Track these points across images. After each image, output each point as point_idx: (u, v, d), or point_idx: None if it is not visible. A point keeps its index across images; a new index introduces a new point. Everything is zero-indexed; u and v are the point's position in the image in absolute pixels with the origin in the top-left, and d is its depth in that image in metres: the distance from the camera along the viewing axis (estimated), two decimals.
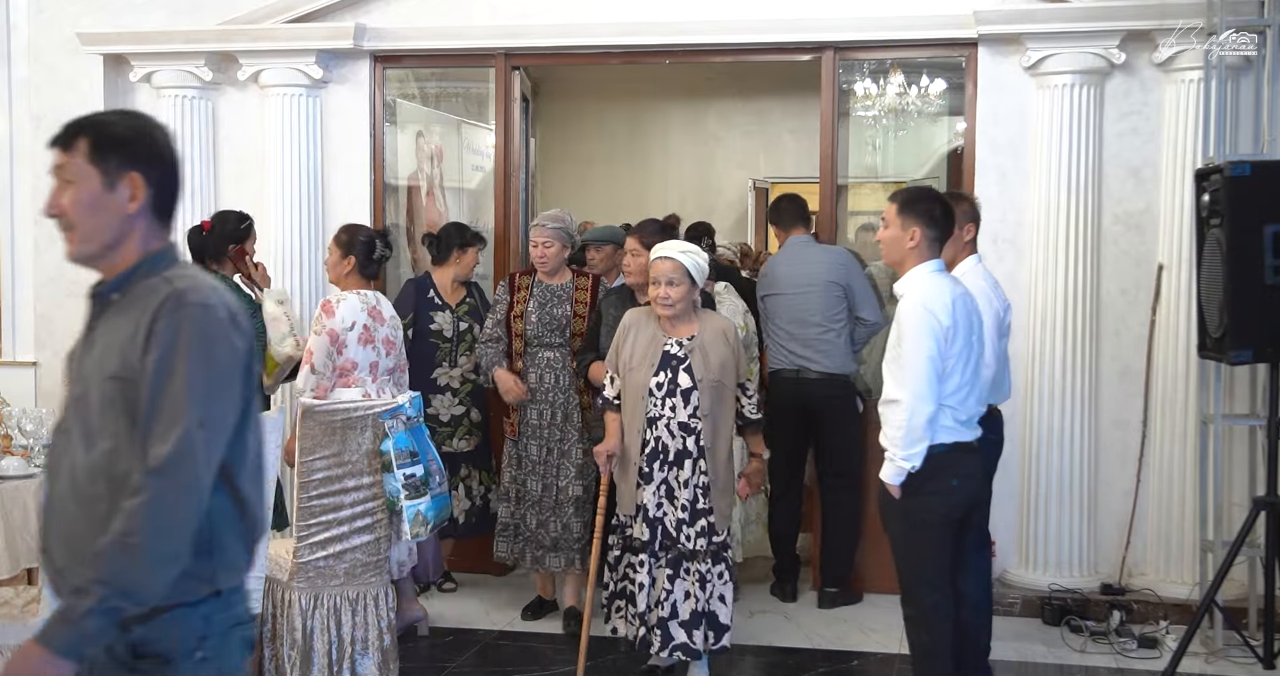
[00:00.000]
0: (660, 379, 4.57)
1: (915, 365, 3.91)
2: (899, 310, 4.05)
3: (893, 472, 3.99)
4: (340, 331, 4.82)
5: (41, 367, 6.69)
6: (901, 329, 3.98)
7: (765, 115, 10.28)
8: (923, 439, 3.93)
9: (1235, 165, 4.80)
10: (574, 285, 5.52)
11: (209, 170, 6.51)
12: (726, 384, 4.59)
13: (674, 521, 4.58)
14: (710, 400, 4.54)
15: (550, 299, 5.47)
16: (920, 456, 3.93)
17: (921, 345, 3.91)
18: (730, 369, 4.59)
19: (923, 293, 3.99)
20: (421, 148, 7.33)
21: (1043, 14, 5.62)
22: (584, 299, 5.51)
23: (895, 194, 4.26)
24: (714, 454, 4.56)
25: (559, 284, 5.51)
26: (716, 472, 4.57)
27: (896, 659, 5.15)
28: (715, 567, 4.60)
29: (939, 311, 3.93)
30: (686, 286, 4.55)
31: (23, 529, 4.41)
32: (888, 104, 8.05)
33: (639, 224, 5.34)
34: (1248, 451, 5.48)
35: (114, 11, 6.52)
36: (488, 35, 6.23)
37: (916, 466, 3.94)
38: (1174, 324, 5.55)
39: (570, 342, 5.43)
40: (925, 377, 3.90)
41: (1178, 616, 5.40)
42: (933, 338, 3.91)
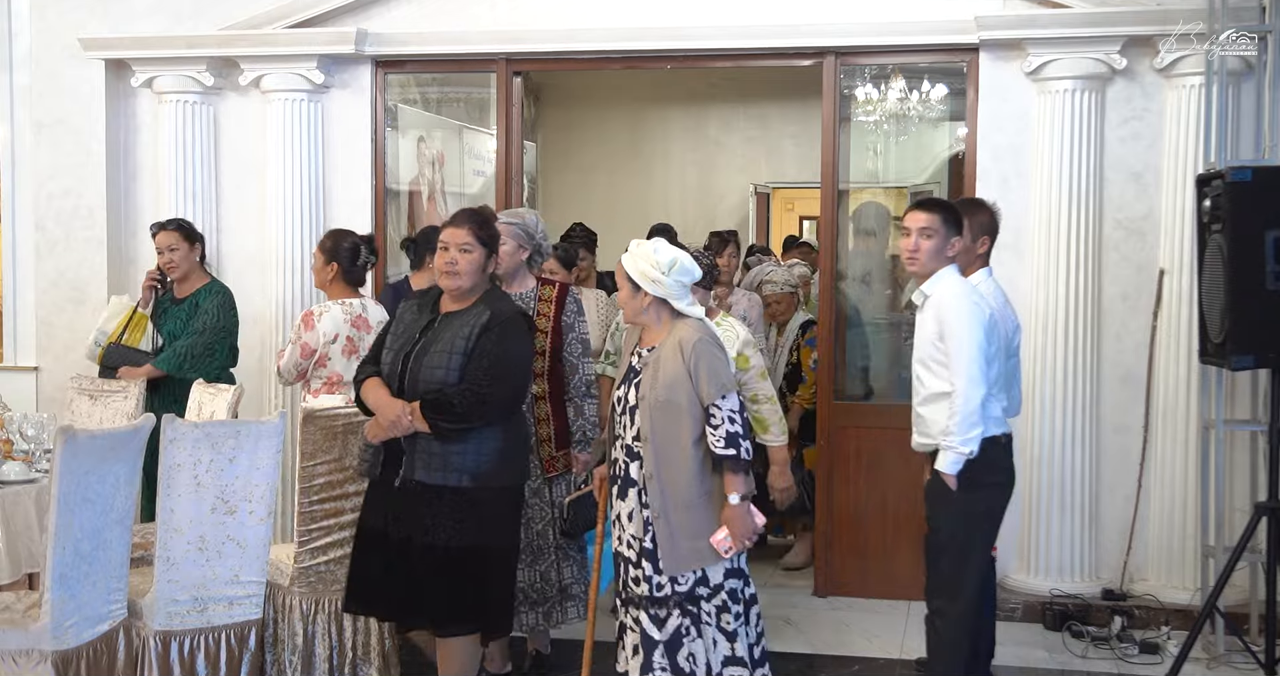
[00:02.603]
0: (621, 392, 4.04)
1: (968, 351, 4.01)
2: (937, 307, 4.12)
3: (951, 460, 4.03)
4: (318, 345, 4.91)
5: (43, 372, 6.70)
6: (945, 321, 4.08)
7: (766, 120, 10.30)
8: (978, 424, 4.01)
9: (1236, 170, 4.80)
10: (536, 294, 4.80)
11: (210, 175, 6.52)
12: (679, 403, 3.83)
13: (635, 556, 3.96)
14: (653, 421, 3.85)
15: None
16: (977, 441, 4.02)
17: (972, 332, 4.02)
18: (681, 386, 3.82)
19: (960, 286, 4.13)
20: (423, 153, 7.34)
21: (1044, 19, 5.62)
22: (547, 311, 4.76)
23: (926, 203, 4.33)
24: (661, 485, 3.85)
25: (518, 292, 4.77)
26: (665, 508, 3.84)
27: (898, 664, 5.15)
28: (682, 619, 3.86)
29: (980, 301, 4.09)
30: (628, 290, 3.98)
31: (24, 534, 4.40)
32: (889, 109, 8.03)
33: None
34: (1249, 457, 5.48)
35: (115, 17, 6.54)
36: (489, 40, 6.23)
37: (974, 452, 4.01)
38: (1175, 329, 5.55)
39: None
40: (978, 362, 4.01)
41: (1179, 622, 5.40)
42: (981, 325, 4.04)
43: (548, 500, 4.73)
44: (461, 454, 3.99)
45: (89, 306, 6.55)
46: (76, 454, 3.80)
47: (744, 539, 3.82)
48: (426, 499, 4.01)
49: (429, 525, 3.99)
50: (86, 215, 6.56)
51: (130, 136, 6.66)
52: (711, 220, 10.17)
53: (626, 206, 9.48)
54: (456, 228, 4.12)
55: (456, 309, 4.12)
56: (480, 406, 3.94)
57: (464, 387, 3.94)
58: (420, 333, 4.11)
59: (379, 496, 4.16)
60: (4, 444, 4.79)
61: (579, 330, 4.81)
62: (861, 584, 6.05)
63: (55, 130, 6.61)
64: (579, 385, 4.76)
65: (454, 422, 3.93)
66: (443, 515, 3.99)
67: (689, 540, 3.83)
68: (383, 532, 4.09)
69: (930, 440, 4.20)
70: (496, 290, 4.23)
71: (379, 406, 4.06)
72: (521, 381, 4.19)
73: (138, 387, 5.36)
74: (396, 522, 4.06)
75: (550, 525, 4.72)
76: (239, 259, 6.52)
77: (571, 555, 4.80)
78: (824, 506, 6.10)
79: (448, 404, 3.93)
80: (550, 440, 4.74)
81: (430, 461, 4.01)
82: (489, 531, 4.04)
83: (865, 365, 6.66)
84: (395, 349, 4.15)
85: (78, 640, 3.89)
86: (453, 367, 3.98)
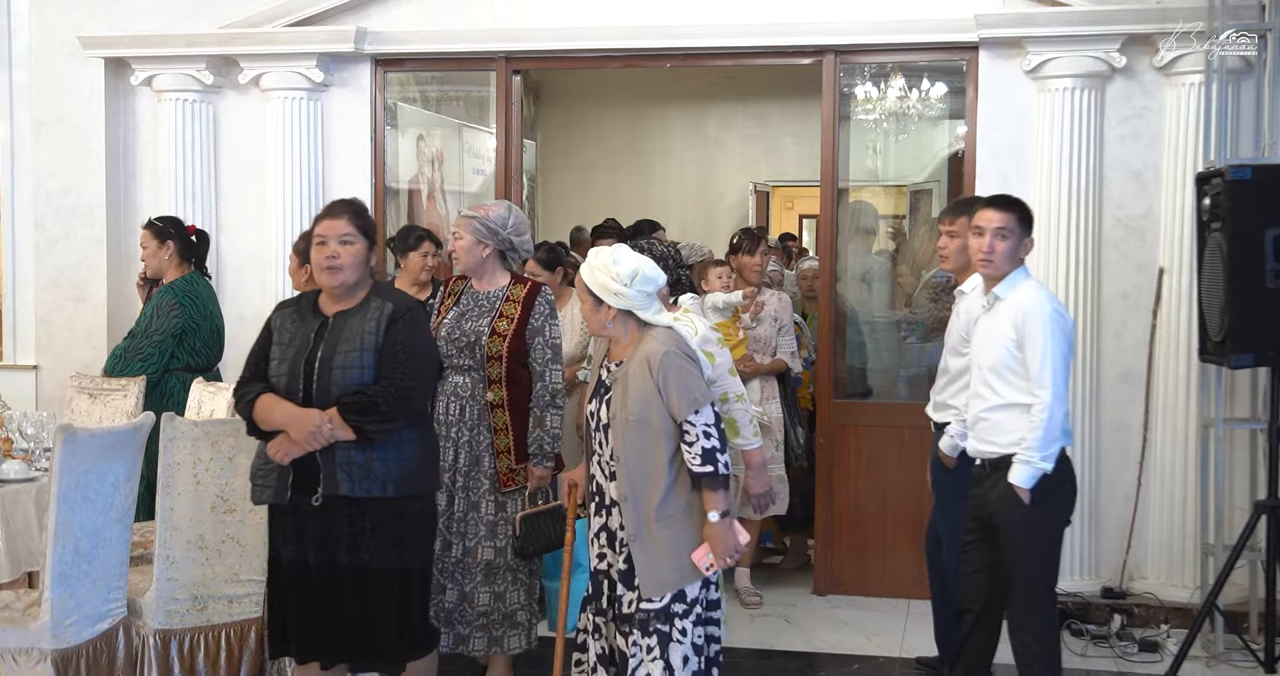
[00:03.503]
0: (593, 407, 3.84)
1: (1054, 365, 3.94)
2: (1017, 314, 4.01)
3: (1029, 474, 3.95)
4: None
5: (42, 371, 6.70)
6: (1028, 332, 3.98)
7: (766, 119, 10.30)
8: (1059, 438, 3.96)
9: (1236, 169, 4.81)
10: (505, 293, 4.53)
11: (209, 174, 6.52)
12: (652, 422, 3.61)
13: (617, 574, 3.77)
14: (626, 441, 3.65)
15: (473, 309, 4.54)
16: (1055, 457, 3.96)
17: (1058, 346, 3.96)
18: (653, 404, 3.60)
19: (1041, 294, 4.06)
20: (422, 151, 7.34)
21: (1043, 18, 5.62)
22: (512, 312, 4.47)
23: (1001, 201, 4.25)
24: (635, 506, 3.65)
25: (486, 291, 4.54)
26: (639, 531, 3.64)
27: (898, 663, 5.15)
28: (645, 639, 3.64)
29: (1064, 312, 4.04)
30: (590, 304, 3.75)
31: (24, 532, 4.40)
32: (888, 108, 8.03)
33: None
34: (1249, 455, 5.48)
35: (115, 15, 6.53)
36: (488, 39, 6.23)
37: (1052, 467, 3.96)
38: (1175, 328, 5.55)
39: (485, 366, 4.44)
40: (1064, 376, 3.96)
41: (1179, 620, 5.40)
42: (1066, 337, 4.00)
43: (485, 517, 4.46)
44: (384, 461, 3.68)
45: (88, 305, 6.55)
46: (76, 452, 3.81)
47: (726, 556, 3.61)
48: (348, 515, 3.69)
49: (353, 544, 3.68)
50: (86, 213, 6.56)
51: (130, 135, 6.66)
52: (711, 218, 10.19)
53: (626, 205, 9.47)
54: (334, 219, 3.80)
55: (346, 307, 3.79)
56: (405, 402, 3.67)
57: (386, 384, 3.65)
58: (314, 337, 3.74)
59: (289, 523, 3.76)
60: (4, 442, 4.79)
61: (548, 334, 4.49)
62: (861, 582, 6.05)
63: (55, 128, 6.61)
64: (542, 394, 4.45)
65: (380, 423, 3.63)
66: (368, 531, 3.69)
67: (670, 559, 3.62)
68: (301, 562, 3.74)
69: (998, 449, 4.07)
70: (384, 282, 3.94)
71: (291, 419, 3.64)
72: (435, 374, 4.02)
73: (137, 386, 5.36)
74: (318, 548, 3.71)
75: (481, 543, 4.44)
76: (239, 257, 6.52)
77: (521, 579, 4.50)
78: (824, 505, 6.10)
79: (371, 404, 3.62)
80: (509, 452, 4.44)
81: (353, 472, 3.66)
82: (413, 546, 3.78)
83: (865, 364, 6.65)
84: (289, 359, 3.74)
85: (77, 638, 3.89)
86: (366, 366, 3.67)
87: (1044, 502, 4.00)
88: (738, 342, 5.69)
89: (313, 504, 3.68)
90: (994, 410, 4.09)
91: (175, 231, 5.72)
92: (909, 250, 8.08)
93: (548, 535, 4.36)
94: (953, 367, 4.66)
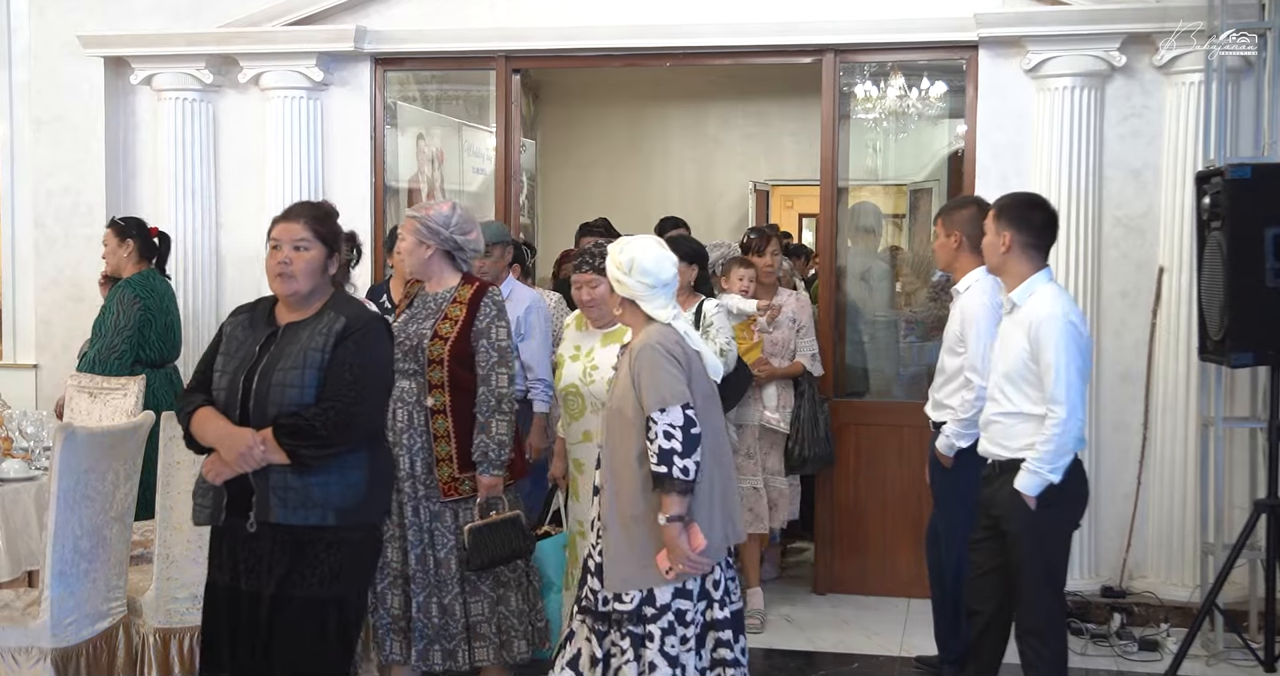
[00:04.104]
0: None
1: (1069, 380, 3.87)
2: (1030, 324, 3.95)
3: (1035, 484, 3.93)
4: None
5: (42, 370, 6.70)
6: (1042, 344, 3.91)
7: (765, 118, 10.29)
8: (1071, 452, 3.93)
9: (1236, 168, 4.80)
10: (453, 295, 4.35)
11: (209, 173, 6.52)
12: (626, 414, 3.59)
13: (593, 566, 3.74)
14: (607, 429, 3.69)
15: (421, 311, 4.38)
16: (1064, 470, 3.93)
17: (1072, 360, 3.89)
18: (629, 397, 3.59)
19: (1058, 303, 3.96)
20: (422, 150, 7.34)
21: (1043, 17, 5.62)
22: (456, 314, 4.28)
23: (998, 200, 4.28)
24: (611, 496, 3.64)
25: (435, 292, 4.38)
26: (611, 521, 3.62)
27: (898, 662, 5.16)
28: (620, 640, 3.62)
29: (1079, 323, 3.95)
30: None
31: (24, 531, 4.41)
32: (888, 107, 8.04)
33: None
34: (1248, 454, 5.48)
35: (114, 14, 6.54)
36: (488, 38, 6.23)
37: (1058, 480, 3.93)
38: (1175, 327, 5.55)
39: (427, 371, 4.27)
40: (1079, 391, 3.89)
41: (1179, 619, 5.40)
42: (1080, 351, 3.92)
43: (450, 525, 4.28)
44: (324, 486, 3.37)
45: (88, 304, 6.54)
46: (76, 451, 3.81)
47: (679, 562, 3.49)
48: (284, 544, 3.40)
49: (285, 574, 3.39)
50: (86, 212, 6.56)
51: (129, 134, 6.66)
52: (711, 217, 10.18)
53: (626, 204, 9.47)
54: (290, 222, 3.53)
55: (299, 318, 3.51)
56: (346, 427, 3.34)
57: (325, 406, 3.34)
58: (260, 349, 3.46)
59: (224, 546, 3.50)
60: (3, 441, 4.80)
61: (494, 337, 4.27)
62: (861, 581, 6.05)
63: (54, 127, 6.61)
64: (487, 399, 4.23)
65: (317, 449, 3.32)
66: (302, 562, 3.40)
67: (637, 557, 3.56)
68: (233, 588, 3.48)
69: (1008, 452, 4.05)
70: (343, 293, 3.62)
71: (222, 438, 3.36)
72: (387, 396, 3.67)
73: (137, 385, 5.37)
74: (249, 575, 3.44)
75: (453, 553, 4.28)
76: (238, 256, 6.51)
77: (482, 590, 4.32)
78: (824, 504, 6.10)
79: (308, 427, 3.31)
80: (451, 460, 4.25)
81: (288, 498, 3.36)
82: (350, 578, 3.47)
83: (864, 363, 6.66)
84: (231, 371, 3.47)
85: (77, 637, 3.90)
86: (308, 385, 3.36)
87: (1051, 507, 3.98)
88: (751, 346, 5.57)
89: (248, 529, 3.41)
90: (1006, 416, 4.06)
91: (137, 231, 5.83)
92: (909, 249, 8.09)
93: (498, 548, 4.21)
94: (949, 367, 4.66)
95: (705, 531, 3.55)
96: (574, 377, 4.35)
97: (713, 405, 3.69)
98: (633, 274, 3.64)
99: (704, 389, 3.65)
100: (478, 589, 4.31)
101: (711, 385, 3.71)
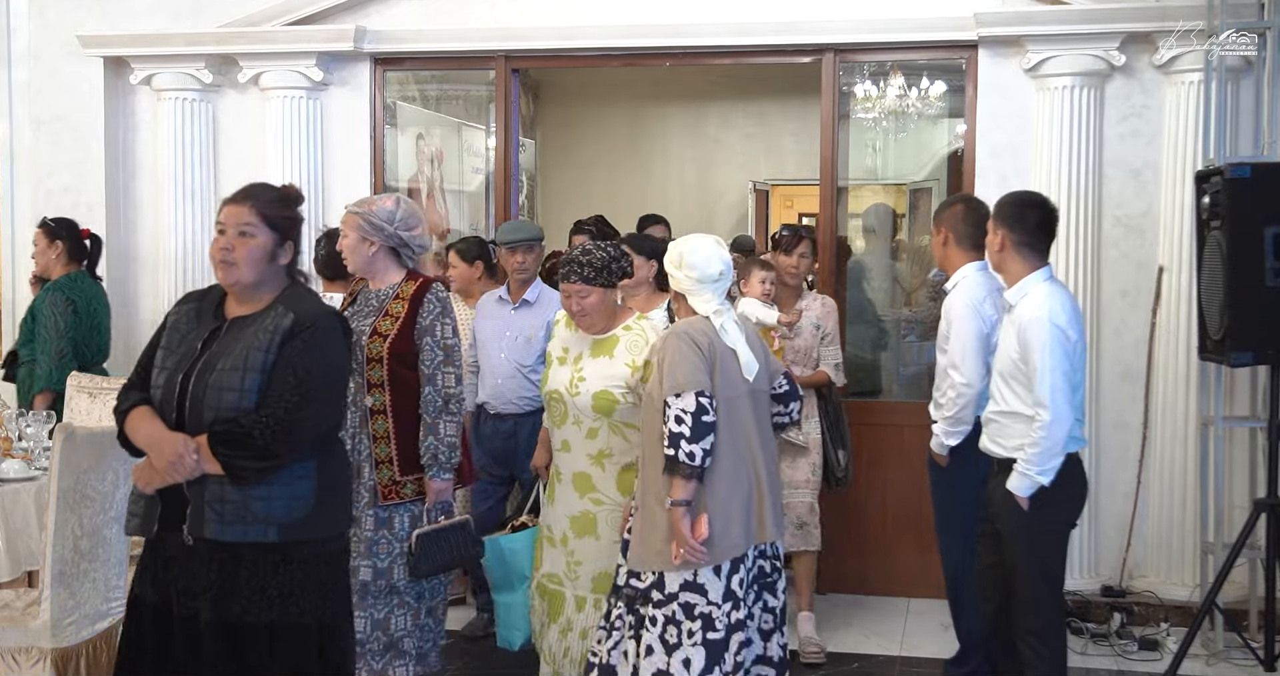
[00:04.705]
0: None
1: (1053, 384, 3.90)
2: (1020, 323, 3.99)
3: (1026, 486, 3.96)
4: None
5: None
6: (1028, 345, 3.95)
7: (765, 117, 10.30)
8: (1059, 454, 3.94)
9: (1235, 167, 4.80)
10: (395, 291, 4.17)
11: (209, 173, 6.52)
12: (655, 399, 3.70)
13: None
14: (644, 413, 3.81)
15: (363, 309, 4.20)
16: (1055, 471, 3.94)
17: (1056, 364, 3.91)
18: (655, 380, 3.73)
19: (1045, 306, 3.97)
20: (422, 150, 7.34)
21: (1043, 16, 5.62)
22: (398, 310, 4.09)
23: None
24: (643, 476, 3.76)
25: (378, 289, 4.20)
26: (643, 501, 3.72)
27: (898, 661, 5.15)
28: (628, 615, 3.73)
29: (1066, 326, 3.96)
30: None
31: (23, 531, 4.40)
32: (888, 106, 8.05)
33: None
34: (1248, 453, 5.48)
35: (114, 14, 6.54)
36: (488, 37, 6.23)
37: (1050, 481, 3.94)
38: (1174, 326, 5.55)
39: (366, 370, 4.05)
40: (1064, 394, 3.91)
41: (1178, 618, 5.40)
42: (1065, 354, 3.93)
43: (394, 532, 4.07)
44: (266, 499, 3.07)
45: None
46: (76, 451, 3.81)
47: (683, 548, 3.54)
48: (221, 562, 3.08)
49: (222, 596, 3.07)
50: (86, 212, 6.54)
51: (129, 134, 6.66)
52: (711, 217, 10.19)
53: (626, 203, 9.45)
54: (236, 205, 3.21)
55: (247, 312, 3.21)
56: (288, 436, 3.04)
57: (265, 413, 3.03)
58: (202, 345, 3.16)
59: (156, 561, 3.16)
60: (3, 441, 4.79)
61: (439, 334, 4.10)
62: (861, 581, 6.05)
63: (54, 127, 6.61)
64: (434, 399, 4.07)
65: (255, 460, 3.03)
66: (242, 582, 3.07)
67: (656, 539, 3.64)
68: (164, 608, 3.13)
69: (1004, 451, 4.09)
70: (298, 286, 3.32)
71: (153, 443, 3.07)
72: (340, 401, 3.33)
73: None
74: (182, 596, 3.10)
75: (397, 562, 4.05)
76: None
77: (408, 603, 4.11)
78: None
79: (245, 436, 3.01)
80: (391, 462, 4.05)
81: (225, 512, 3.06)
82: (306, 602, 3.13)
83: (864, 363, 6.66)
84: (170, 367, 3.16)
85: (77, 638, 3.89)
86: (248, 388, 3.06)
87: (1044, 507, 3.99)
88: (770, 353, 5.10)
89: (185, 543, 3.09)
90: (1002, 414, 4.11)
91: (67, 233, 5.87)
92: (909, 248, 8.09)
93: (446, 554, 4.07)
94: (941, 365, 4.68)
95: (720, 527, 3.61)
96: (560, 384, 4.06)
97: (745, 406, 3.73)
98: (682, 268, 3.77)
99: (734, 389, 3.70)
100: (404, 602, 4.09)
101: (746, 385, 3.75)
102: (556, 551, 4.05)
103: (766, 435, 3.83)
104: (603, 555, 3.94)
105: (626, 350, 3.96)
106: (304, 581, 3.13)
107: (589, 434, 3.96)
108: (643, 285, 4.87)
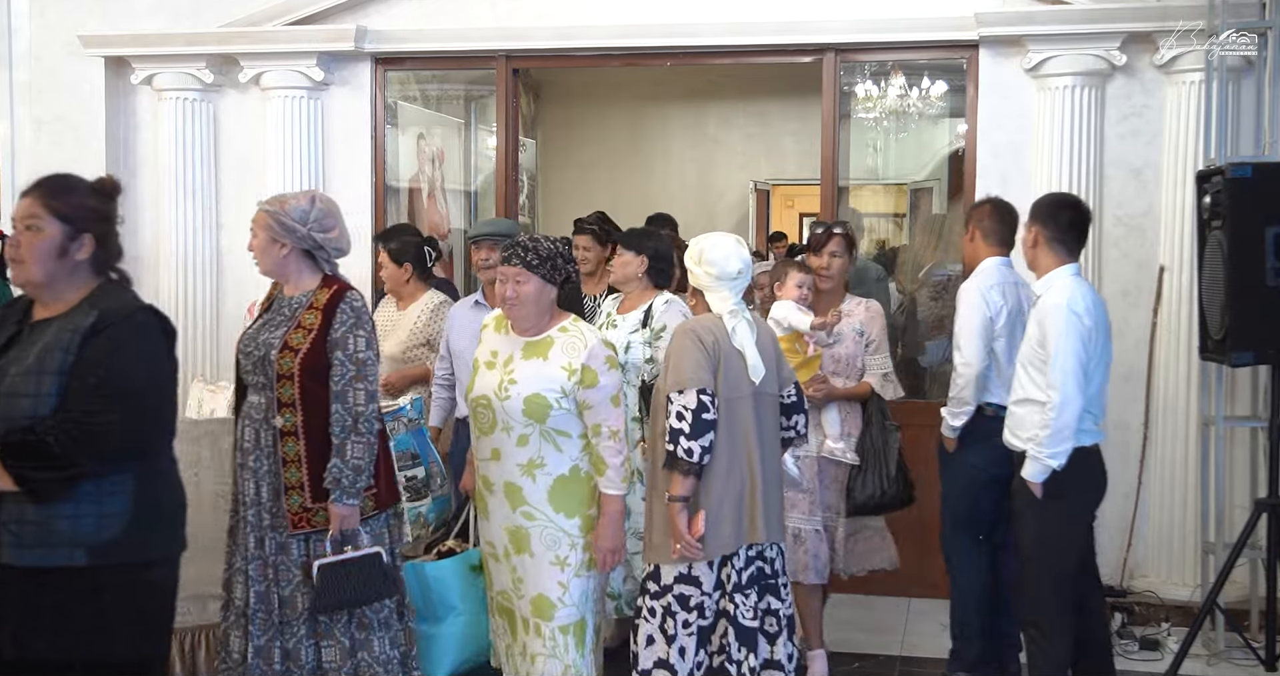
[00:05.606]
0: None
1: (1065, 366, 3.99)
2: (1042, 311, 4.11)
3: (1038, 470, 4.04)
4: None
5: None
6: (1046, 330, 4.06)
7: (766, 117, 10.31)
8: (1069, 438, 4.00)
9: (1236, 167, 4.80)
10: (308, 300, 3.78)
11: (209, 172, 6.52)
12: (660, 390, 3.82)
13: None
14: (653, 408, 3.94)
15: (275, 318, 3.83)
16: (1066, 455, 4.01)
17: (1070, 347, 4.00)
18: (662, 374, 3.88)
19: (1065, 294, 4.08)
20: (422, 150, 7.34)
21: (1043, 16, 5.62)
22: (310, 322, 3.71)
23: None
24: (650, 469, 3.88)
25: (292, 296, 3.83)
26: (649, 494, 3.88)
27: (898, 661, 5.16)
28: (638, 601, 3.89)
29: (1082, 313, 4.05)
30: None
31: None
32: (889, 106, 8.06)
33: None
34: (1249, 453, 5.48)
35: (115, 14, 6.54)
36: (488, 37, 6.23)
37: (1062, 464, 4.01)
38: (1175, 326, 5.55)
39: (277, 387, 3.69)
40: (1075, 378, 3.99)
41: (1179, 618, 5.40)
42: (1080, 339, 4.02)
43: (296, 559, 3.72)
44: (73, 518, 2.75)
45: None
46: None
47: (678, 542, 3.60)
48: (22, 591, 2.76)
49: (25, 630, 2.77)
50: None
51: (130, 134, 6.66)
52: (711, 217, 10.19)
53: (627, 203, 9.46)
54: (23, 198, 2.93)
55: (50, 314, 2.93)
56: (90, 443, 2.74)
57: (62, 418, 2.74)
58: (1, 351, 2.90)
59: None
60: None
61: (352, 348, 3.70)
62: (861, 581, 6.00)
63: (55, 127, 6.61)
64: (343, 418, 3.67)
65: (51, 471, 2.73)
66: (45, 612, 2.75)
67: (658, 531, 3.73)
68: None
69: (1020, 443, 4.16)
70: (111, 284, 3.01)
71: None
72: (156, 402, 2.95)
73: None
74: None
75: (300, 590, 3.72)
76: (239, 255, 6.48)
77: (334, 634, 3.74)
78: None
79: (39, 444, 2.71)
80: (302, 487, 3.69)
81: (23, 534, 2.75)
82: (118, 634, 2.81)
83: None
84: None
85: None
86: (45, 393, 2.77)
87: (1058, 498, 4.05)
88: (803, 362, 4.60)
89: None
90: (1019, 403, 4.19)
91: None
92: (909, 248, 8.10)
93: (352, 589, 3.68)
94: None
95: (712, 524, 3.67)
96: (488, 389, 3.78)
97: (747, 408, 3.76)
98: (701, 264, 3.82)
99: (737, 390, 3.74)
100: (330, 632, 3.74)
101: (751, 388, 3.77)
102: (501, 566, 3.87)
103: (768, 438, 3.84)
104: (541, 575, 3.76)
105: (563, 351, 3.74)
106: (118, 612, 2.81)
107: (519, 441, 3.74)
108: (633, 281, 4.87)
